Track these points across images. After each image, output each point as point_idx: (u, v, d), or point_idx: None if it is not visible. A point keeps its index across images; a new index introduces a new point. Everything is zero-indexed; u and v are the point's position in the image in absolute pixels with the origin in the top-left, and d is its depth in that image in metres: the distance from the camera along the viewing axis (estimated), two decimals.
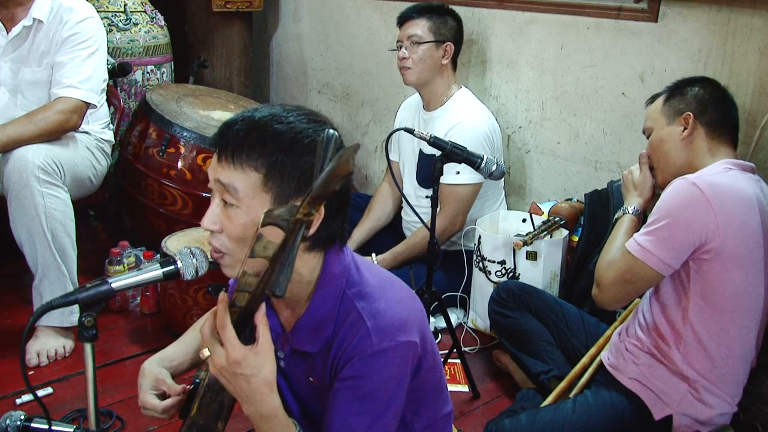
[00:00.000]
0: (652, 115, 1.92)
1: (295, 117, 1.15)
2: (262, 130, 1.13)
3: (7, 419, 1.53)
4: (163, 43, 3.59)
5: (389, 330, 1.16)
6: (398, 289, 1.27)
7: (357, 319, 1.17)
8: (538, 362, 2.17)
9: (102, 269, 2.81)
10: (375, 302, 1.19)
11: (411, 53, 2.68)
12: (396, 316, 1.18)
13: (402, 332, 1.17)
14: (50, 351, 2.37)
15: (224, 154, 1.13)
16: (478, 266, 2.59)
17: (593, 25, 2.61)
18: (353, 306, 1.18)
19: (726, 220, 1.65)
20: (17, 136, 2.33)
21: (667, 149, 1.86)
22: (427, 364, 1.27)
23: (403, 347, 1.17)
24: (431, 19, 2.69)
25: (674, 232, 1.68)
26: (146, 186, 2.89)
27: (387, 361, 1.16)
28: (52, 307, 1.23)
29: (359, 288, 1.20)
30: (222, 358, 1.08)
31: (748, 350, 1.78)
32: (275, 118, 1.14)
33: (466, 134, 2.59)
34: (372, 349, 1.15)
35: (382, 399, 1.17)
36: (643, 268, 1.72)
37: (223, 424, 1.22)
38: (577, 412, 1.87)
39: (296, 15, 4.03)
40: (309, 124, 1.15)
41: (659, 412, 1.78)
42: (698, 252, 1.68)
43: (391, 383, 1.17)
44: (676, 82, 1.93)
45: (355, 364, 1.16)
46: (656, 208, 1.74)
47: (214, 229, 1.16)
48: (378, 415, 1.17)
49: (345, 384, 1.17)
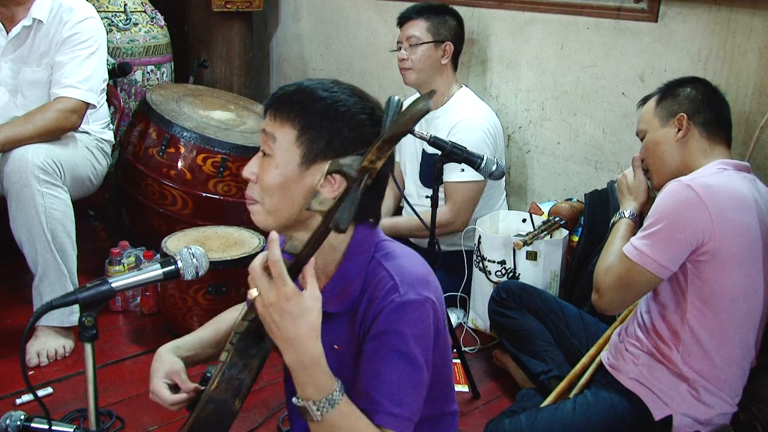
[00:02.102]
0: (645, 117, 1.92)
1: (340, 89, 1.27)
2: (306, 93, 1.25)
3: (7, 419, 1.54)
4: (163, 43, 3.59)
5: (414, 284, 1.20)
6: (416, 256, 1.32)
7: (384, 275, 1.21)
8: (538, 362, 2.17)
9: (102, 269, 2.81)
10: (399, 260, 1.25)
11: (410, 54, 2.69)
12: (418, 273, 1.23)
13: (425, 288, 1.21)
14: (50, 351, 2.37)
15: (271, 109, 1.26)
16: (478, 266, 2.59)
17: (593, 25, 2.61)
18: (381, 266, 1.23)
19: (722, 221, 1.65)
20: (16, 136, 2.33)
21: (662, 151, 1.86)
22: (441, 345, 1.28)
23: (427, 303, 1.20)
24: (430, 20, 2.70)
25: (671, 235, 1.68)
26: (146, 186, 2.89)
27: (414, 313, 1.18)
28: (52, 307, 1.24)
29: (386, 251, 1.26)
30: (273, 293, 1.08)
31: (747, 350, 1.78)
32: (322, 86, 1.26)
33: (469, 131, 2.59)
34: (400, 299, 1.17)
35: (413, 354, 1.18)
36: (641, 271, 1.72)
37: (240, 402, 1.21)
38: (577, 412, 1.87)
39: (296, 15, 4.03)
40: (350, 97, 1.26)
41: (659, 413, 1.78)
42: (695, 254, 1.68)
43: (420, 338, 1.19)
44: (668, 83, 1.93)
45: (381, 318, 1.18)
46: (652, 212, 1.74)
47: (251, 178, 1.27)
48: (409, 370, 1.17)
49: (374, 343, 1.18)
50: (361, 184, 1.02)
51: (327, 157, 1.22)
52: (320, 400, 1.11)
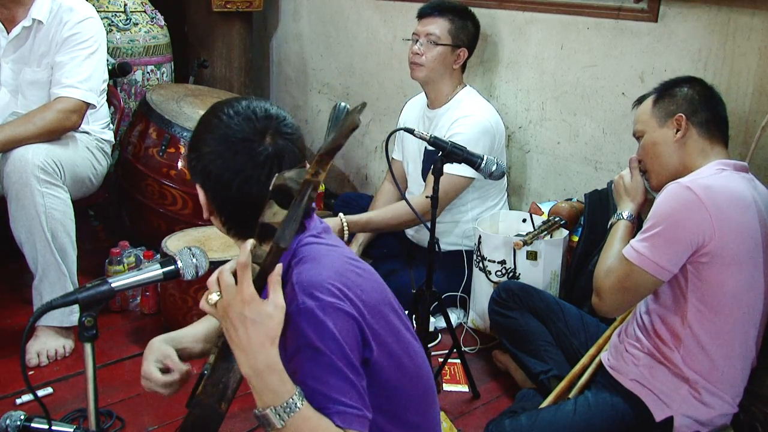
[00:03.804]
0: (642, 117, 1.91)
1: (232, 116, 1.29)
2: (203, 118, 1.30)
3: (7, 419, 1.53)
4: (163, 43, 3.59)
5: (310, 290, 1.14)
6: (334, 257, 1.24)
7: (288, 281, 1.18)
8: (537, 362, 2.17)
9: (102, 269, 2.81)
10: (305, 264, 1.20)
11: (425, 51, 2.67)
12: (321, 277, 1.17)
13: (325, 292, 1.15)
14: (50, 351, 2.37)
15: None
16: (478, 266, 2.59)
17: (593, 25, 2.61)
18: (291, 272, 1.20)
19: (722, 223, 1.65)
20: (17, 136, 2.32)
21: (661, 152, 1.86)
22: (393, 360, 1.24)
23: (330, 307, 1.14)
24: (453, 22, 2.67)
25: (671, 237, 1.68)
26: (146, 186, 2.89)
27: (316, 318, 1.13)
28: (53, 307, 1.24)
29: (301, 256, 1.23)
30: (233, 295, 1.10)
31: (748, 350, 1.78)
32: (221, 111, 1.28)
33: (468, 128, 2.59)
34: (297, 307, 1.13)
35: (328, 358, 1.12)
36: (642, 274, 1.71)
37: (226, 405, 1.22)
38: (578, 413, 1.87)
39: (296, 15, 4.03)
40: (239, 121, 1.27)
41: (660, 414, 1.78)
42: (696, 255, 1.68)
43: (329, 340, 1.13)
44: (664, 83, 1.92)
45: (290, 328, 1.14)
46: (651, 214, 1.74)
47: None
48: (328, 375, 1.12)
49: (290, 351, 1.16)
50: (305, 197, 1.05)
51: (196, 181, 1.29)
52: (279, 405, 1.09)
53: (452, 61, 2.70)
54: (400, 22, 3.35)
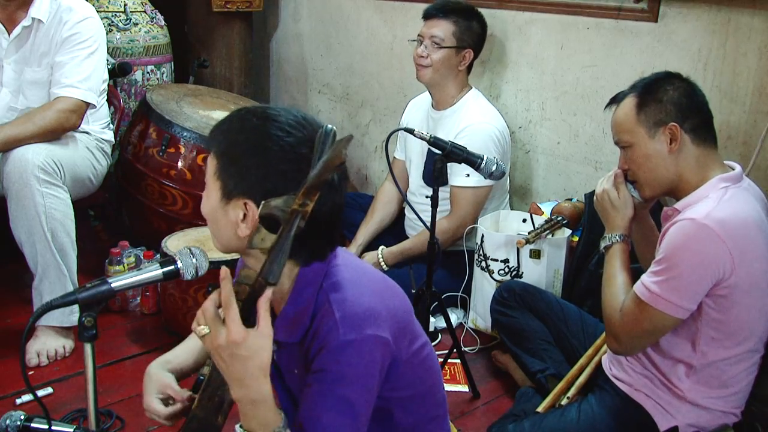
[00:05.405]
0: (626, 126, 1.75)
1: (271, 121, 1.21)
2: (233, 123, 1.24)
3: (7, 419, 1.53)
4: (163, 43, 3.59)
5: (355, 320, 1.16)
6: (376, 282, 1.26)
7: (327, 310, 1.18)
8: (536, 360, 2.17)
9: (102, 269, 2.81)
10: (345, 291, 1.20)
11: (430, 53, 2.67)
12: (363, 306, 1.18)
13: (369, 324, 1.16)
14: (50, 351, 2.37)
15: (208, 137, 1.29)
16: (480, 265, 2.59)
17: (593, 25, 2.61)
18: (327, 297, 1.19)
19: (742, 255, 1.59)
20: (17, 136, 2.33)
21: (655, 164, 1.73)
22: (416, 363, 1.26)
23: (371, 341, 1.16)
24: (457, 24, 2.67)
25: (691, 278, 1.61)
26: (146, 186, 2.89)
27: (353, 354, 1.14)
28: (52, 307, 1.24)
29: (336, 279, 1.21)
30: (222, 336, 1.08)
31: (756, 363, 1.76)
32: (254, 116, 1.22)
33: (476, 137, 2.59)
34: (338, 341, 1.14)
35: (350, 395, 1.15)
36: (663, 316, 1.64)
37: (223, 418, 1.22)
38: (582, 420, 1.86)
39: (296, 15, 4.03)
40: (280, 132, 1.19)
41: (665, 424, 1.75)
42: (715, 288, 1.62)
43: (359, 380, 1.15)
44: (643, 83, 1.77)
45: (323, 356, 1.15)
46: (666, 253, 1.63)
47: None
48: (345, 412, 1.15)
49: (314, 377, 1.16)
50: (293, 228, 1.04)
51: (245, 194, 1.17)
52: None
53: (457, 63, 2.70)
54: (400, 22, 3.35)
